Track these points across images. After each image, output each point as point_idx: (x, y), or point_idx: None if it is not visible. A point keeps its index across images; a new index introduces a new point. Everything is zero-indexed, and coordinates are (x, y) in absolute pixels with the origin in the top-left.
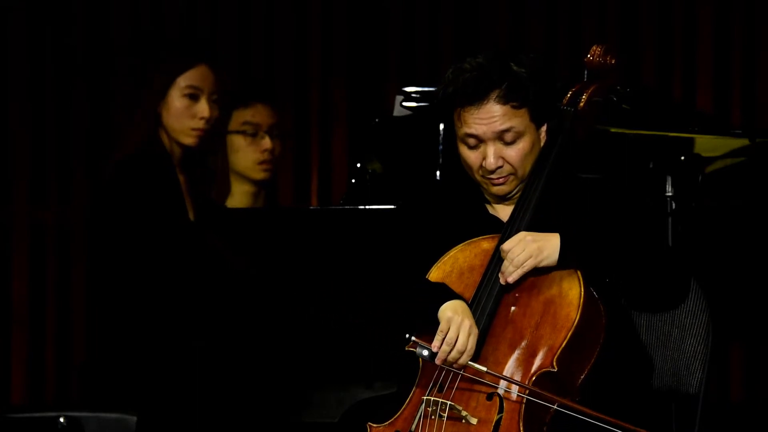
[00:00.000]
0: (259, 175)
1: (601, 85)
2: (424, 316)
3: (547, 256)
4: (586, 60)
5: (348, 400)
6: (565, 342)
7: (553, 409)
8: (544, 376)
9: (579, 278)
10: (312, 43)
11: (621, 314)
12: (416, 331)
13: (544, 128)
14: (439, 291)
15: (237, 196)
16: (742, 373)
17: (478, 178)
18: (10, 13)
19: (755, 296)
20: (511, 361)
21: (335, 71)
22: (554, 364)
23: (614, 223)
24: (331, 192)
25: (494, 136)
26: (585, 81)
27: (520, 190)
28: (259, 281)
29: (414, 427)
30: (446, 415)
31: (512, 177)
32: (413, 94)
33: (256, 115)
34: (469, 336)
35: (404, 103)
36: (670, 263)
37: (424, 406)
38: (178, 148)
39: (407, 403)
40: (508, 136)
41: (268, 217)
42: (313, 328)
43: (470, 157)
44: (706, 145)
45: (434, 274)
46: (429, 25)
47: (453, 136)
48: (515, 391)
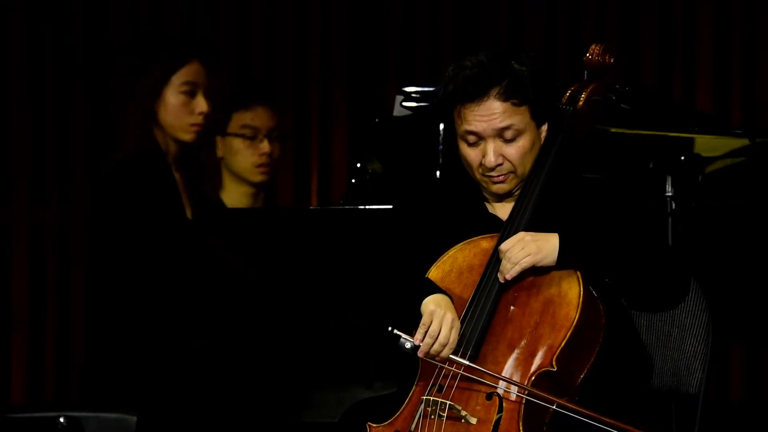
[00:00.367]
0: (257, 177)
1: (600, 84)
2: (408, 311)
3: (546, 255)
4: (585, 59)
5: (348, 400)
6: (565, 341)
7: (553, 409)
8: (543, 376)
9: (578, 278)
10: (312, 43)
11: (621, 314)
12: (400, 325)
13: (545, 127)
14: (423, 285)
15: (235, 197)
16: (742, 373)
17: (477, 176)
18: (10, 13)
19: (755, 296)
20: (511, 361)
21: (335, 71)
22: (554, 363)
23: (614, 223)
24: (331, 192)
25: (494, 133)
26: (584, 80)
27: (520, 189)
28: (259, 281)
29: (413, 426)
30: (446, 415)
31: (512, 175)
32: (413, 94)
33: (256, 118)
34: (452, 329)
35: (404, 103)
36: (670, 263)
37: (423, 406)
38: (173, 146)
39: (407, 403)
40: (508, 134)
41: (268, 217)
42: (313, 328)
43: (470, 154)
44: (706, 145)
45: (433, 274)
46: (429, 25)
47: (453, 136)
48: (515, 391)
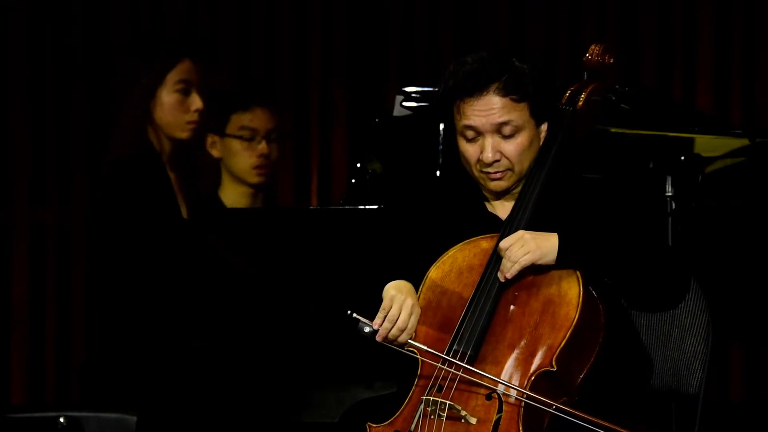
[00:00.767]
0: (255, 179)
1: (600, 84)
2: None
3: (546, 254)
4: (585, 59)
5: (348, 400)
6: (565, 341)
7: (553, 409)
8: (543, 376)
9: (578, 278)
10: (312, 43)
11: (621, 314)
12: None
13: (544, 127)
14: (389, 274)
15: (234, 197)
16: (742, 373)
17: (475, 173)
18: (10, 13)
19: (755, 296)
20: (511, 361)
21: (335, 71)
22: (553, 363)
23: (614, 224)
24: (331, 192)
25: (492, 128)
26: (584, 80)
27: (519, 187)
28: (259, 281)
29: (413, 426)
30: (445, 415)
31: (509, 172)
32: (413, 94)
33: (254, 119)
34: (411, 315)
35: (404, 103)
36: (670, 263)
37: (423, 406)
38: (168, 145)
39: (406, 403)
40: (507, 130)
41: (268, 217)
42: (313, 328)
43: (468, 150)
44: (706, 145)
45: (433, 274)
46: (429, 25)
47: (453, 135)
48: (514, 391)
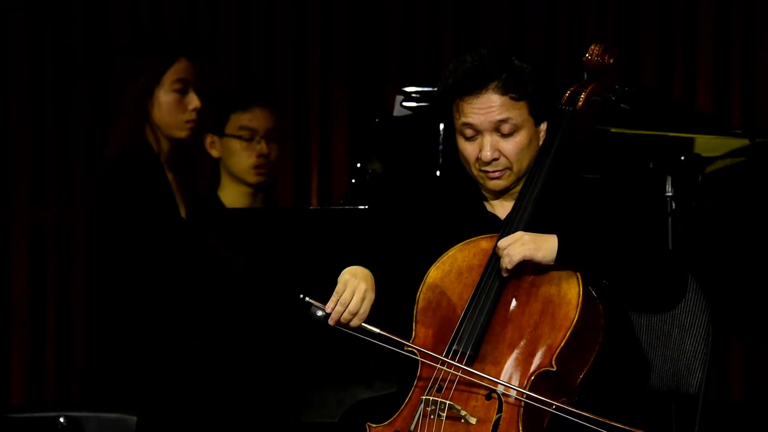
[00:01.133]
0: (254, 179)
1: (600, 84)
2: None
3: (545, 254)
4: (585, 59)
5: (348, 400)
6: (564, 341)
7: (553, 409)
8: (543, 376)
9: (578, 278)
10: (312, 43)
11: (620, 315)
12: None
13: (544, 126)
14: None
15: (234, 197)
16: (742, 373)
17: (474, 171)
18: (10, 13)
19: (755, 296)
20: (511, 361)
21: (335, 71)
22: (553, 363)
23: (614, 224)
24: (331, 192)
25: (491, 126)
26: (583, 80)
27: (518, 187)
28: (259, 281)
29: (413, 426)
30: (445, 415)
31: (508, 171)
32: (413, 94)
33: (254, 119)
34: (363, 299)
35: (404, 103)
36: (668, 265)
37: (423, 406)
38: (166, 144)
39: (406, 403)
40: (505, 128)
41: (267, 217)
42: (312, 328)
43: (467, 149)
44: (706, 145)
45: (433, 274)
46: (429, 25)
47: (452, 134)
48: (514, 390)
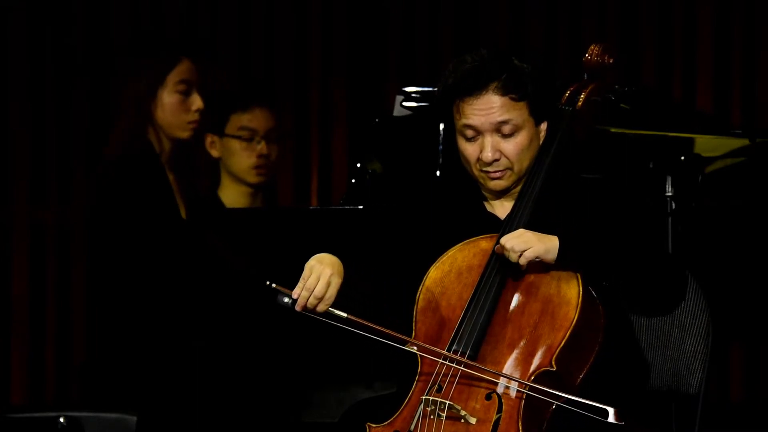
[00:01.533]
0: (254, 179)
1: (600, 84)
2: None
3: (547, 251)
4: (584, 59)
5: (348, 400)
6: (564, 341)
7: (552, 409)
8: (543, 375)
9: (578, 278)
10: (312, 43)
11: (620, 315)
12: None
13: (544, 126)
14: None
15: (234, 197)
16: (742, 373)
17: (475, 172)
18: (10, 13)
19: (755, 296)
20: (510, 360)
21: (335, 71)
22: (553, 363)
23: (613, 224)
24: (331, 192)
25: (492, 127)
26: (583, 80)
27: (518, 187)
28: (259, 281)
29: (413, 427)
30: (445, 415)
31: (509, 172)
32: (413, 94)
33: (254, 120)
34: (329, 284)
35: (404, 103)
36: (668, 266)
37: (422, 406)
38: (168, 144)
39: (406, 403)
40: (506, 129)
41: (268, 217)
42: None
43: (468, 149)
44: (706, 145)
45: (433, 274)
46: (429, 25)
47: (452, 135)
48: (514, 389)
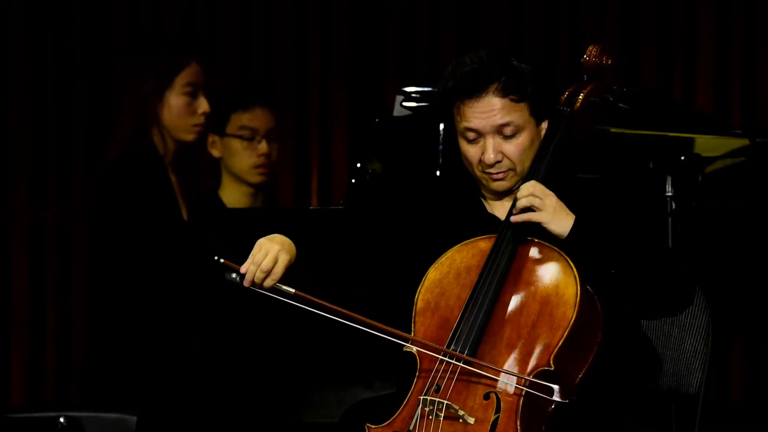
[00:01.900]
0: (255, 178)
1: (598, 85)
2: None
3: (560, 223)
4: (583, 60)
5: (348, 400)
6: (562, 341)
7: (551, 409)
8: (541, 375)
9: (576, 277)
10: (312, 43)
11: (621, 315)
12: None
13: (544, 125)
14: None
15: (235, 197)
16: (742, 373)
17: (477, 173)
18: (10, 13)
19: (755, 296)
20: (509, 360)
21: (335, 71)
22: (551, 362)
23: (614, 224)
24: (331, 192)
25: (493, 129)
26: (582, 81)
27: (518, 187)
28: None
29: (411, 427)
30: (443, 415)
31: (511, 172)
32: (413, 94)
33: (254, 119)
34: (277, 260)
35: (404, 103)
36: (671, 264)
37: (421, 406)
38: (172, 146)
39: (405, 404)
40: (508, 130)
41: (268, 217)
42: (313, 328)
43: (469, 151)
44: (706, 145)
45: (431, 275)
46: (429, 25)
47: (452, 134)
48: (513, 387)
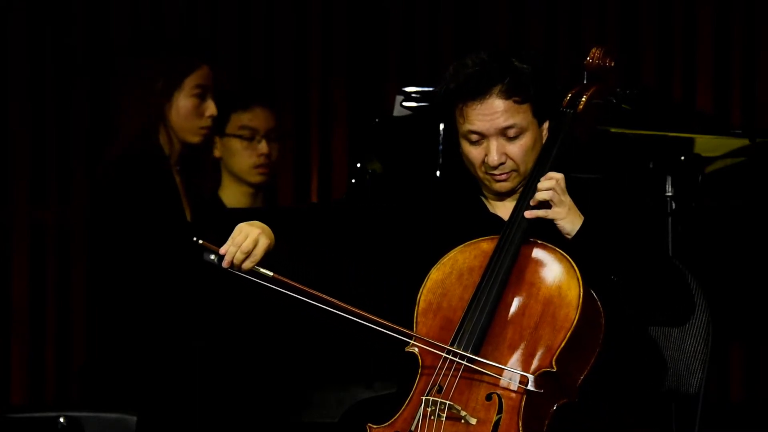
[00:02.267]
0: (255, 178)
1: (601, 87)
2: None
3: (571, 220)
4: (586, 63)
5: (348, 400)
6: (564, 342)
7: (553, 410)
8: (543, 376)
9: (578, 279)
10: (312, 43)
11: (624, 317)
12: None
13: (546, 125)
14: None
15: (235, 197)
16: (742, 373)
17: (480, 174)
18: (10, 13)
19: (755, 296)
20: (511, 361)
21: (335, 71)
22: (553, 364)
23: (614, 224)
24: (331, 192)
25: (497, 132)
26: (584, 83)
27: (521, 188)
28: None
29: (413, 427)
30: (445, 416)
31: (515, 173)
32: (413, 94)
33: (254, 119)
34: (257, 242)
35: (404, 103)
36: (670, 266)
37: (423, 407)
38: (178, 148)
39: (407, 404)
40: (511, 132)
41: (268, 217)
42: (313, 328)
43: (472, 153)
44: (706, 145)
45: (434, 276)
46: (429, 25)
47: (453, 135)
48: (515, 386)
